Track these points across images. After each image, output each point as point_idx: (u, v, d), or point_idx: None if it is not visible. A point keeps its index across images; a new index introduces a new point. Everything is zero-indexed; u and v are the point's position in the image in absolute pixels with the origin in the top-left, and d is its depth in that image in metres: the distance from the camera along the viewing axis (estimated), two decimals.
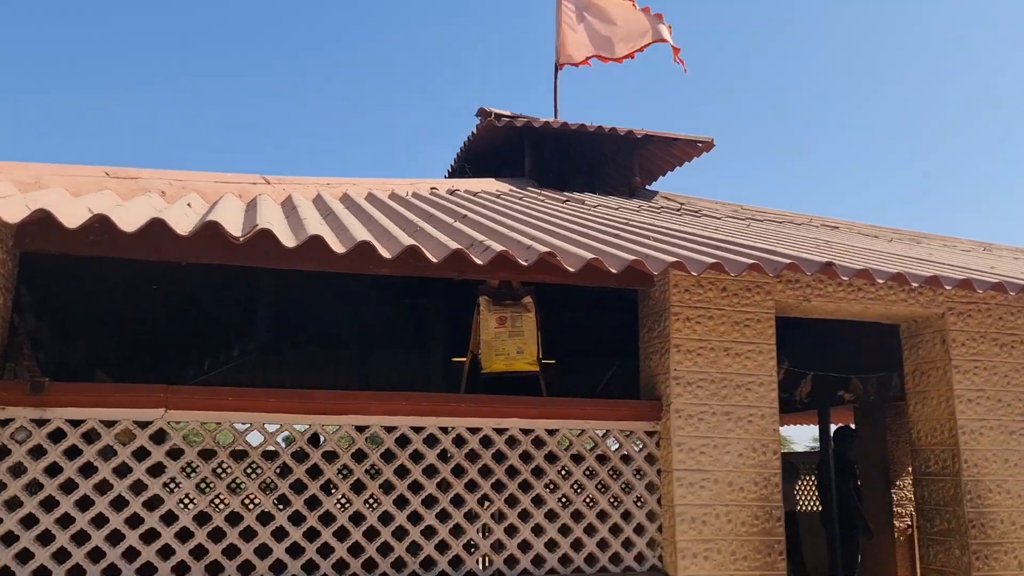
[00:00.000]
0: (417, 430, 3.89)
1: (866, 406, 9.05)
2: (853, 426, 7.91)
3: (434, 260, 3.36)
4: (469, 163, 8.14)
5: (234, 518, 3.59)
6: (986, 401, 4.57)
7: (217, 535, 3.57)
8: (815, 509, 9.84)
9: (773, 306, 4.35)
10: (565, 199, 6.48)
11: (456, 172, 8.34)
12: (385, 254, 3.33)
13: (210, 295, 7.01)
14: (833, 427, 8.19)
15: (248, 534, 3.59)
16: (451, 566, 3.82)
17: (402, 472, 3.88)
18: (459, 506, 3.89)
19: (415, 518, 3.82)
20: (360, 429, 3.84)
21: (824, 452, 7.26)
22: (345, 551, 3.68)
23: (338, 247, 3.30)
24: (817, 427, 7.57)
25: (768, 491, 4.15)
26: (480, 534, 3.90)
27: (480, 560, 3.87)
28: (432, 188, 6.29)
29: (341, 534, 3.71)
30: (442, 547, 3.83)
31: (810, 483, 9.82)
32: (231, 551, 3.57)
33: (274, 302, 7.20)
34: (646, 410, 4.20)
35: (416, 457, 3.88)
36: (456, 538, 3.84)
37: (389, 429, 3.87)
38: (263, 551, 3.61)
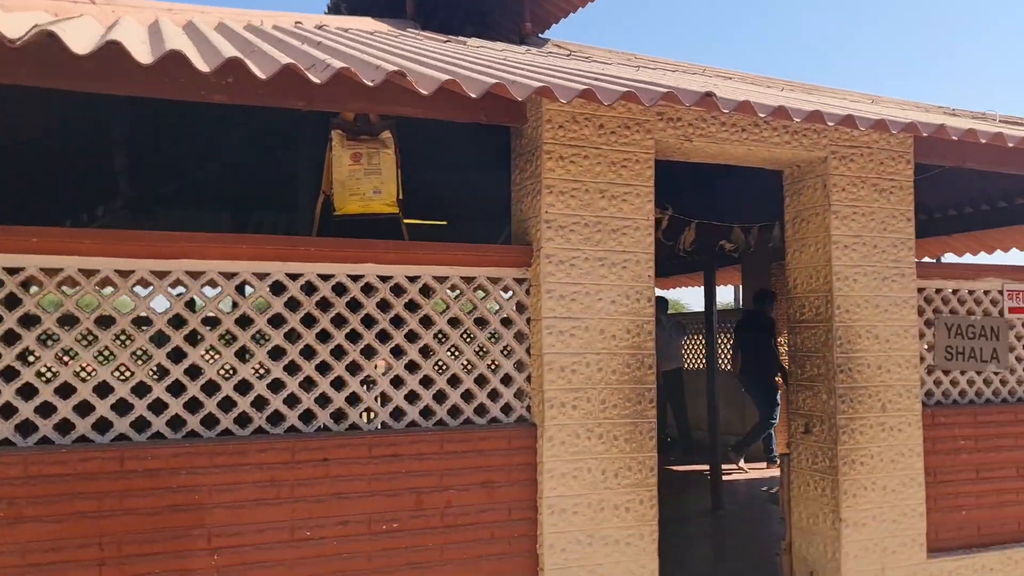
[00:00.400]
0: (261, 276, 3.53)
1: (752, 266, 9.13)
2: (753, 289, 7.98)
3: (262, 76, 2.90)
4: (346, 2, 7.44)
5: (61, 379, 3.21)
6: (862, 247, 4.49)
7: (30, 392, 3.19)
8: (699, 367, 10.08)
9: (653, 146, 4.08)
10: (446, 40, 5.96)
11: (332, 11, 7.64)
12: (202, 67, 2.85)
13: (60, 144, 6.32)
14: (723, 288, 8.21)
15: (66, 391, 3.22)
16: (302, 420, 3.55)
17: (245, 322, 3.53)
18: (310, 358, 3.59)
19: (261, 371, 3.51)
20: (195, 276, 3.44)
21: (723, 313, 7.29)
22: (181, 407, 3.36)
23: (143, 57, 2.80)
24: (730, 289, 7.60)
25: (641, 339, 4.00)
26: (334, 388, 3.62)
27: (333, 414, 3.61)
28: (297, 22, 5.66)
29: (174, 389, 3.37)
30: (292, 401, 3.55)
31: (698, 342, 10.03)
32: (46, 409, 3.20)
33: (133, 154, 6.57)
34: (516, 256, 3.93)
35: (261, 306, 3.53)
36: (307, 392, 3.56)
37: (229, 276, 3.49)
38: (84, 409, 3.25)
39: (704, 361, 9.62)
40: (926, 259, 8.48)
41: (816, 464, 4.52)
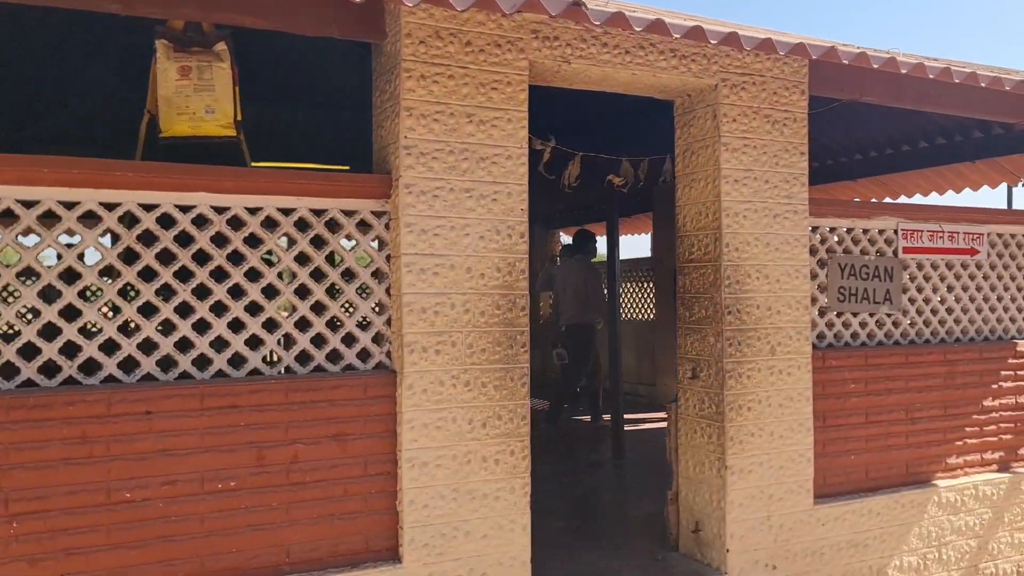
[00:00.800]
0: (70, 206, 3.08)
1: (663, 213, 8.92)
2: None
3: None
4: None
5: None
6: (753, 182, 4.25)
7: None
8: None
9: (527, 67, 3.72)
10: None
11: None
12: None
13: None
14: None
15: None
16: (122, 369, 3.14)
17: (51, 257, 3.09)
18: (132, 299, 3.17)
19: (72, 313, 3.08)
20: None
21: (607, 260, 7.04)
22: None
23: None
24: (648, 237, 7.36)
25: (513, 278, 3.69)
26: (161, 332, 3.22)
27: (161, 361, 3.21)
28: None
29: None
30: (110, 348, 3.13)
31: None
32: None
33: None
34: (373, 186, 3.55)
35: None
36: (128, 337, 3.15)
37: (29, 204, 3.03)
38: None
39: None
40: None
41: (703, 410, 4.32)
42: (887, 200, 8.06)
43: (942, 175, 7.39)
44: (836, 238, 4.64)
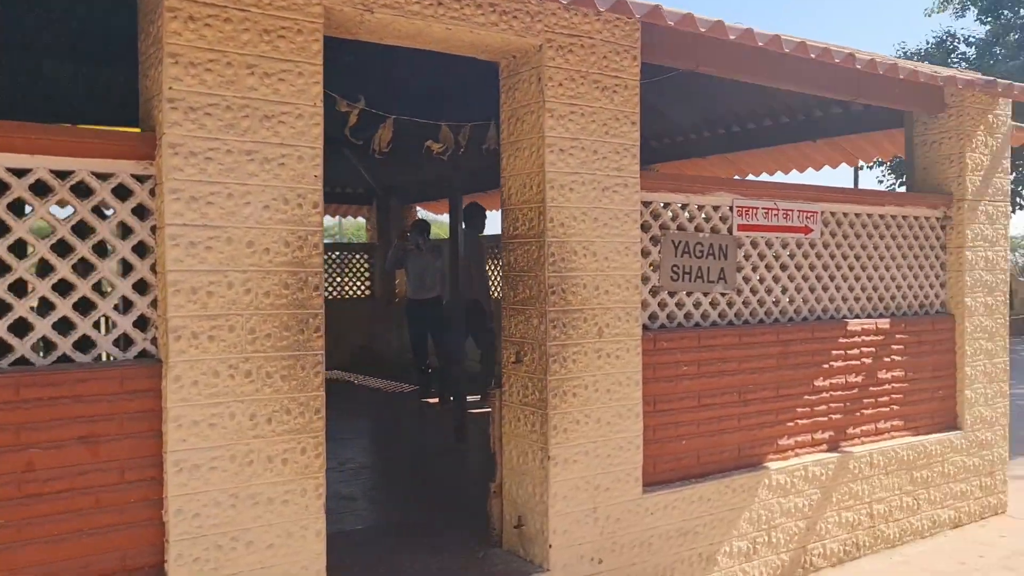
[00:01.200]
0: None
1: None
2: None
3: None
4: None
5: None
6: (581, 152, 3.96)
7: None
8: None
9: (321, 14, 3.28)
10: None
11: None
12: None
13: None
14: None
15: None
16: None
17: None
18: None
19: None
20: None
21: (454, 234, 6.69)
22: None
23: None
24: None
25: (304, 253, 3.26)
26: None
27: None
28: None
29: None
30: None
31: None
32: None
33: None
34: (132, 144, 3.04)
35: None
36: None
37: None
38: None
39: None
40: None
41: (527, 397, 4.03)
42: (736, 178, 8.05)
43: (787, 154, 7.41)
44: (670, 214, 4.43)
